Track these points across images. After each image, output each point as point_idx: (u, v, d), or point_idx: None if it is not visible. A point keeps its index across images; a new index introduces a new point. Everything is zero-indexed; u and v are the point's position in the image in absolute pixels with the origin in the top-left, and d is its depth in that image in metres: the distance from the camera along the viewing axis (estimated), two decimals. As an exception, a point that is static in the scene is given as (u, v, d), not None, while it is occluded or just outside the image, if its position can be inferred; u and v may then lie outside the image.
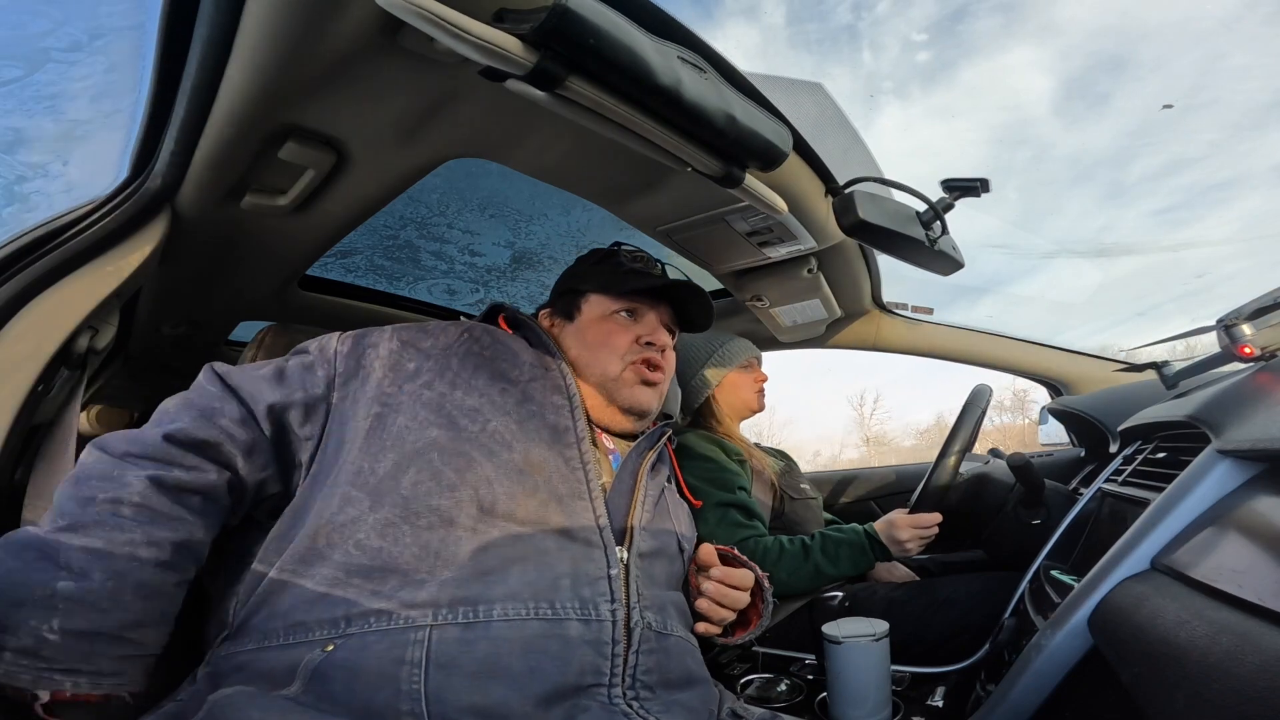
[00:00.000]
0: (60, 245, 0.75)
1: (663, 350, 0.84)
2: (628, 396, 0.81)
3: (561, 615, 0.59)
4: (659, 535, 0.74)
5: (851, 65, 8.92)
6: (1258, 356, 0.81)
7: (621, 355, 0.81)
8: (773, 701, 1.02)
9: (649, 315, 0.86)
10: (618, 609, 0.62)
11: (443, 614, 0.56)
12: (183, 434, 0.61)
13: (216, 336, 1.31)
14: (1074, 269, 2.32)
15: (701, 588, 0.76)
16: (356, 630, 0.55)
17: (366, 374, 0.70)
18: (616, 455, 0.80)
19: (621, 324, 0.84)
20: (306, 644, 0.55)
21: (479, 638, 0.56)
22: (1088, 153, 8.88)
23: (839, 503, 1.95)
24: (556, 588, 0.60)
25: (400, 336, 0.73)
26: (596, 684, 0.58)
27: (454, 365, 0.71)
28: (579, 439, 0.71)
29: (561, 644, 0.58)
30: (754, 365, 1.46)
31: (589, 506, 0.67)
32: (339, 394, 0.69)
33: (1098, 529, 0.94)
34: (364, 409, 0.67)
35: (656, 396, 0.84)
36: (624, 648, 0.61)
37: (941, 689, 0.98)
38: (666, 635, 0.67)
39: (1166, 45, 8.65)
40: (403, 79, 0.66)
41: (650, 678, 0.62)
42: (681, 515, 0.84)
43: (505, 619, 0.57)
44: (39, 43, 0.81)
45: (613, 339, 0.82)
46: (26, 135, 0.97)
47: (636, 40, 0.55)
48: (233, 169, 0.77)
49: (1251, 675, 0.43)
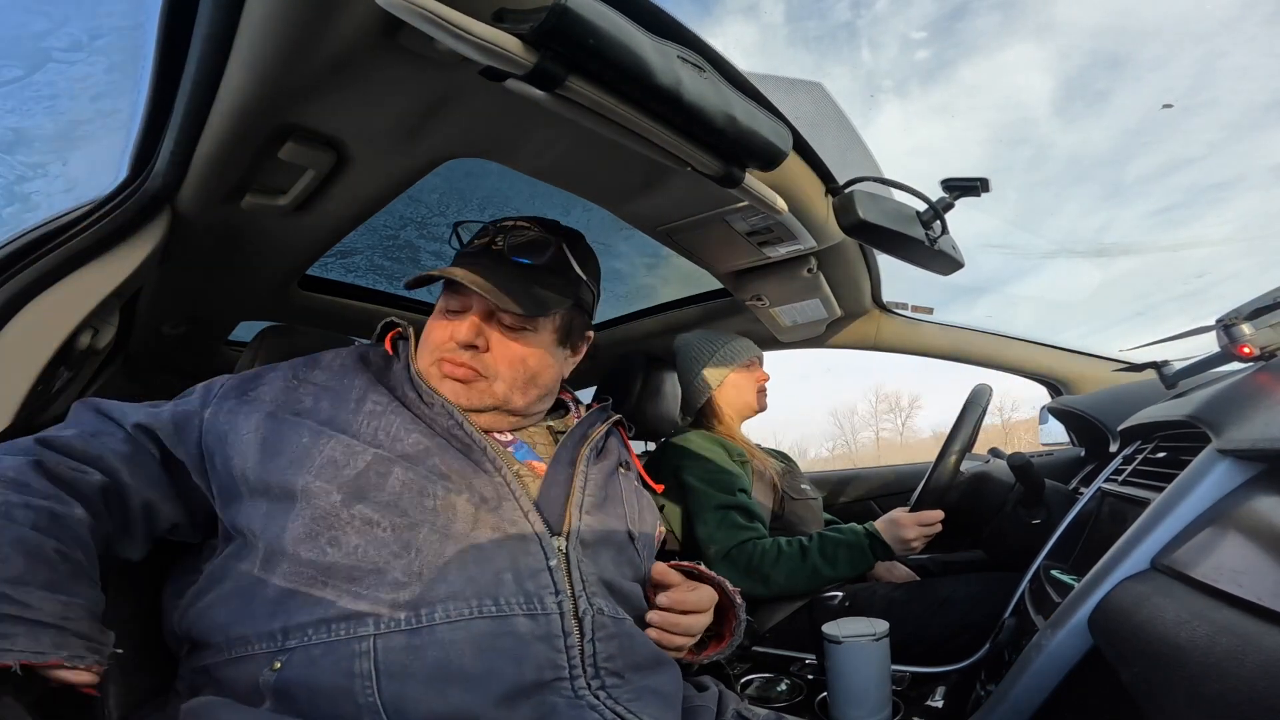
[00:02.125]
0: (60, 245, 0.75)
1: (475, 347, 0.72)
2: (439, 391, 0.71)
3: (507, 611, 0.58)
4: (604, 522, 0.71)
5: (851, 64, 8.86)
6: (1257, 356, 0.81)
7: (434, 351, 0.74)
8: (773, 701, 1.02)
9: (472, 305, 0.74)
10: (563, 600, 0.60)
11: (384, 622, 0.55)
12: (60, 441, 0.61)
13: (216, 336, 1.31)
14: (1073, 269, 2.33)
15: (648, 617, 0.70)
16: (297, 643, 0.54)
17: (254, 397, 0.68)
18: (520, 445, 0.76)
19: (441, 320, 0.76)
20: (251, 658, 0.55)
21: (426, 643, 0.54)
22: (1087, 152, 8.84)
23: (839, 503, 1.95)
24: (499, 583, 0.59)
25: (293, 370, 0.72)
26: (557, 678, 0.57)
27: (354, 391, 0.69)
28: (475, 443, 0.68)
29: (513, 641, 0.56)
30: (755, 365, 1.46)
31: (514, 503, 0.65)
32: (212, 410, 0.67)
33: (1098, 529, 0.94)
34: (252, 423, 0.65)
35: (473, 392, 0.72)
36: (578, 638, 0.59)
37: (941, 689, 0.98)
38: (623, 619, 0.65)
39: (1166, 45, 8.63)
40: (403, 79, 0.66)
41: (614, 664, 0.60)
42: (637, 502, 0.80)
43: (449, 620, 0.56)
44: (39, 43, 0.81)
45: (431, 334, 0.76)
46: (26, 135, 0.97)
47: (636, 40, 0.55)
48: (233, 169, 0.77)
49: (1251, 675, 0.44)
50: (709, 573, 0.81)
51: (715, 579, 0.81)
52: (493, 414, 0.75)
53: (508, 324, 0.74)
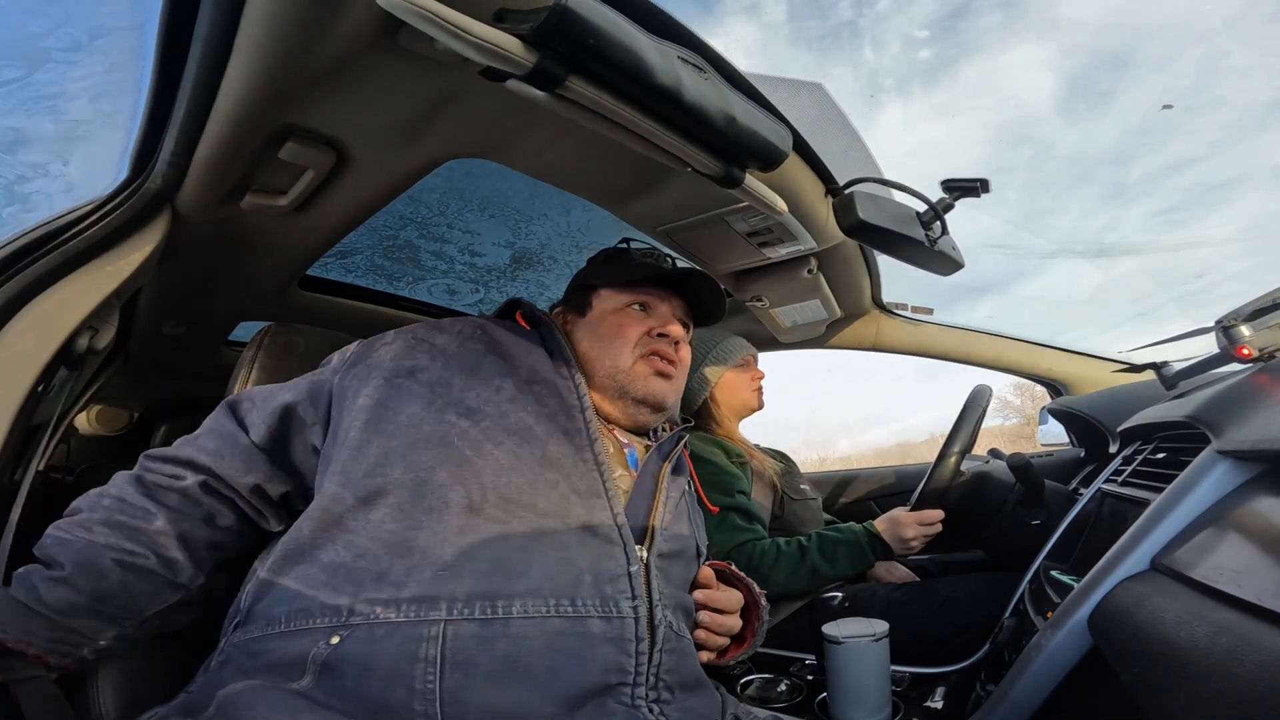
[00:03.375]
0: (60, 245, 0.75)
1: (676, 342, 0.83)
2: (641, 389, 0.79)
3: (583, 612, 0.57)
4: (679, 538, 0.73)
5: (853, 63, 8.90)
6: (1255, 358, 0.81)
7: (633, 347, 0.80)
8: (773, 702, 1.02)
9: (661, 307, 0.85)
10: (639, 605, 0.60)
11: (458, 608, 0.54)
12: (161, 452, 0.68)
13: (216, 336, 1.31)
14: (1074, 269, 2.32)
15: (698, 617, 0.73)
16: (361, 621, 0.54)
17: (374, 363, 0.70)
18: (633, 451, 0.79)
19: (633, 316, 0.83)
20: (309, 631, 0.54)
21: (498, 635, 0.54)
22: (1089, 152, 8.93)
23: (839, 503, 1.95)
24: (578, 583, 0.58)
25: (414, 332, 0.74)
26: (621, 683, 0.57)
27: (469, 360, 0.71)
28: (591, 439, 0.70)
29: (583, 642, 0.56)
30: (750, 363, 1.46)
31: (605, 504, 0.66)
32: (342, 377, 0.70)
33: (1098, 529, 0.94)
34: (367, 392, 0.67)
35: (672, 390, 0.82)
36: (648, 645, 0.59)
37: (941, 689, 0.98)
38: (684, 636, 0.66)
39: (1168, 43, 8.64)
40: (403, 79, 0.66)
41: (671, 678, 0.61)
42: (698, 521, 0.84)
43: (526, 616, 0.55)
44: (39, 43, 0.81)
45: (625, 331, 0.81)
46: (26, 135, 0.97)
47: (636, 40, 0.55)
48: (233, 169, 0.77)
49: (1251, 675, 0.44)
50: (738, 573, 0.83)
51: (743, 579, 0.83)
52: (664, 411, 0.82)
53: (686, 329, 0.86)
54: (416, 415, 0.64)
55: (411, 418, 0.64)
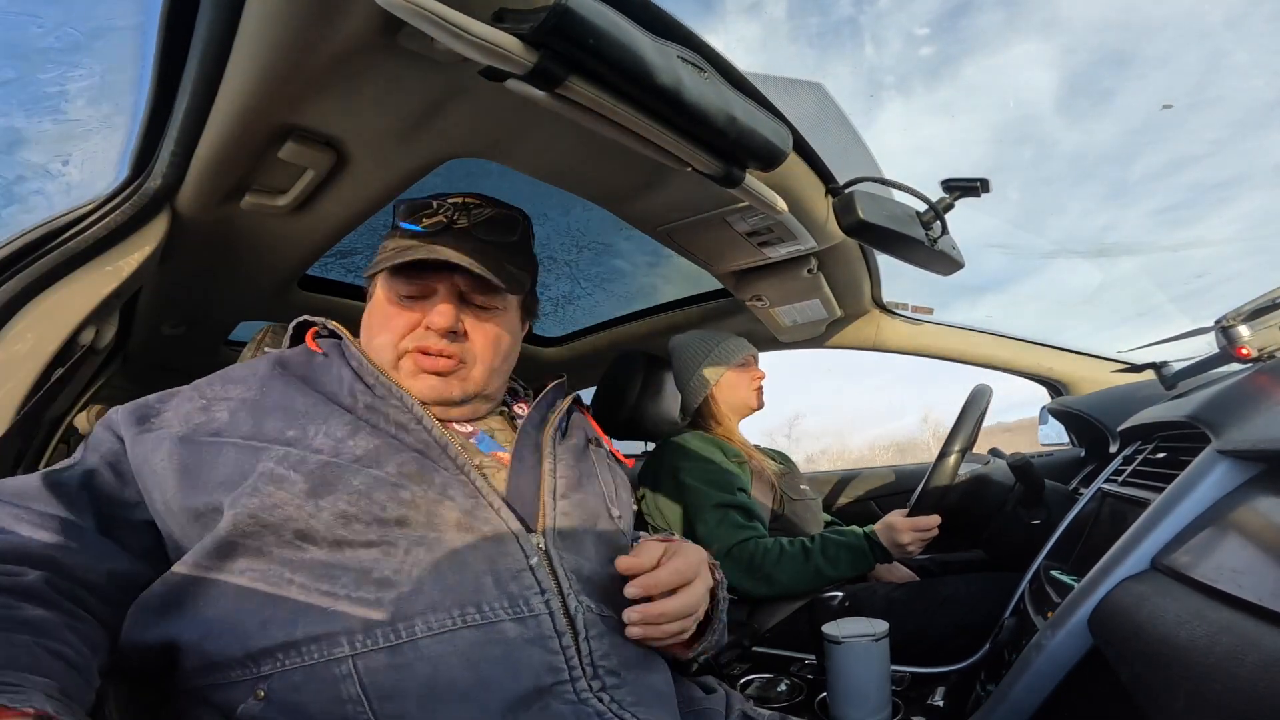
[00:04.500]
0: (60, 245, 0.75)
1: (455, 333, 0.67)
2: (416, 390, 0.67)
3: (492, 617, 0.54)
4: (582, 506, 0.66)
5: (853, 61, 8.77)
6: (1255, 358, 0.81)
7: (395, 345, 0.67)
8: (773, 702, 1.02)
9: (439, 289, 0.68)
10: (551, 599, 0.56)
11: (359, 641, 0.51)
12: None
13: (216, 336, 1.31)
14: (1074, 269, 2.32)
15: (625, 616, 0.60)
16: (272, 669, 0.51)
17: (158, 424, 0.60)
18: (481, 434, 0.70)
19: (393, 310, 0.68)
20: (233, 684, 0.52)
21: (412, 659, 0.51)
22: (1090, 151, 8.81)
23: (838, 503, 1.95)
24: (479, 588, 0.54)
25: (200, 391, 0.64)
26: (557, 682, 0.54)
27: (278, 398, 0.62)
28: (434, 440, 0.62)
29: (503, 649, 0.53)
30: (750, 363, 1.46)
31: (483, 501, 0.60)
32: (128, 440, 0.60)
33: (1098, 529, 0.94)
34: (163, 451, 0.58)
35: (458, 383, 0.68)
36: (572, 637, 0.56)
37: (941, 689, 0.98)
38: (609, 615, 0.61)
39: (1170, 42, 8.60)
40: (403, 79, 0.66)
41: (609, 661, 0.57)
42: (613, 480, 0.75)
43: (432, 634, 0.52)
44: (39, 43, 0.81)
45: (387, 324, 0.68)
46: (26, 135, 0.97)
47: (636, 40, 0.55)
48: (233, 169, 0.77)
49: (1251, 675, 0.44)
50: (686, 542, 0.69)
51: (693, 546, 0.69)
52: (472, 404, 0.71)
53: (480, 304, 0.70)
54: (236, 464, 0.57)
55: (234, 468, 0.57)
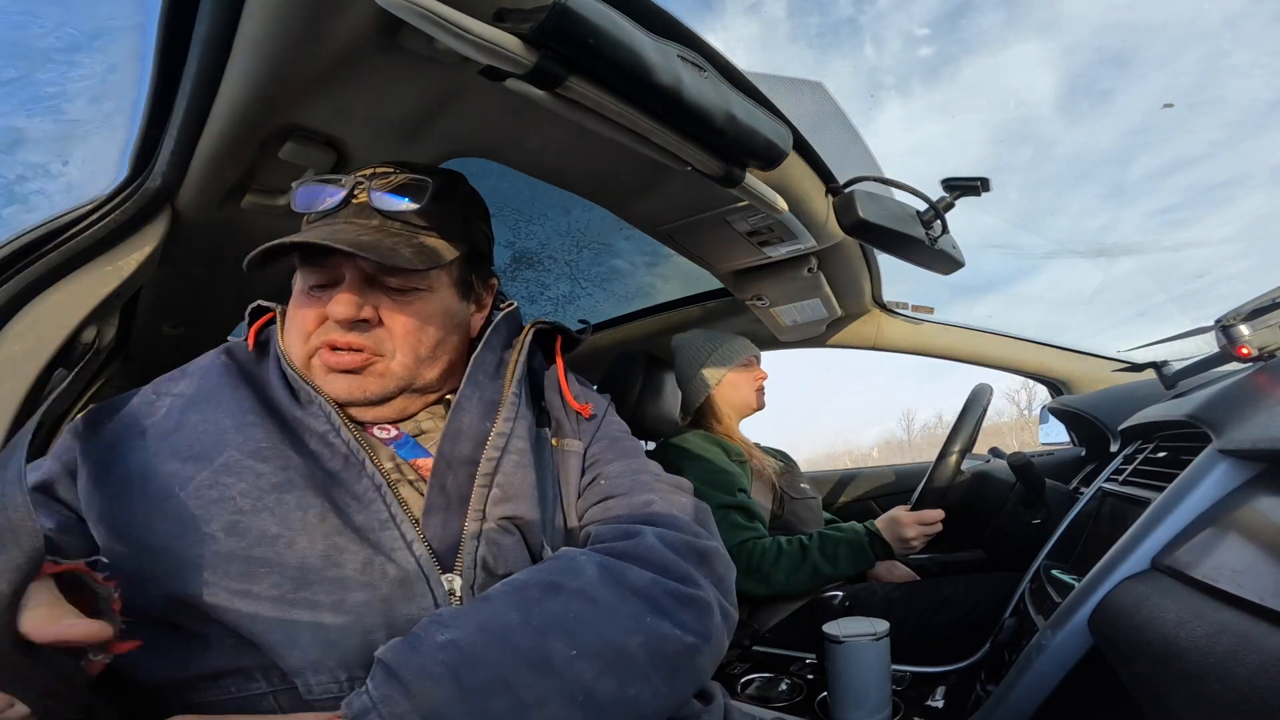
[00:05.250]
0: (60, 245, 0.75)
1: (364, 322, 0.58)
2: (330, 391, 0.58)
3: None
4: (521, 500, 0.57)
5: (853, 61, 8.87)
6: (1255, 357, 0.81)
7: (306, 339, 0.59)
8: (773, 701, 1.02)
9: (346, 274, 0.59)
10: None
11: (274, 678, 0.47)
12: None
13: (216, 337, 1.31)
14: (1074, 269, 2.32)
15: None
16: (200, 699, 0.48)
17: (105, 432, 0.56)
18: (405, 439, 0.61)
19: (303, 301, 0.61)
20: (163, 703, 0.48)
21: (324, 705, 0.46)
22: (1089, 151, 8.82)
23: (839, 502, 1.95)
24: (368, 646, 0.47)
25: (154, 387, 0.60)
26: None
27: (221, 402, 0.56)
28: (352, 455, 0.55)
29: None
30: (753, 363, 1.46)
31: (394, 532, 0.52)
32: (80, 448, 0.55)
33: (1098, 529, 0.94)
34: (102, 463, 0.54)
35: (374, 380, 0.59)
36: None
37: (941, 689, 0.98)
38: None
39: (1170, 42, 8.64)
40: (403, 79, 0.66)
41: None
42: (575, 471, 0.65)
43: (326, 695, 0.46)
44: (39, 43, 0.81)
45: (297, 317, 0.61)
46: (26, 135, 0.97)
47: (636, 39, 0.55)
48: (233, 169, 0.77)
49: (1251, 675, 0.44)
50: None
51: None
52: (398, 400, 0.61)
53: (395, 286, 0.59)
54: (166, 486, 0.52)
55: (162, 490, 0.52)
